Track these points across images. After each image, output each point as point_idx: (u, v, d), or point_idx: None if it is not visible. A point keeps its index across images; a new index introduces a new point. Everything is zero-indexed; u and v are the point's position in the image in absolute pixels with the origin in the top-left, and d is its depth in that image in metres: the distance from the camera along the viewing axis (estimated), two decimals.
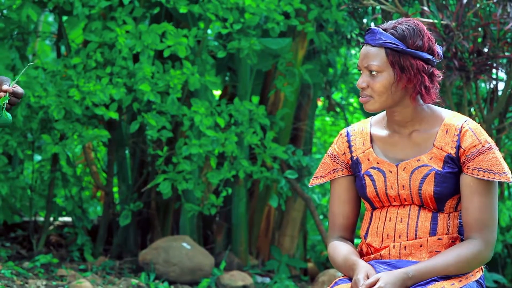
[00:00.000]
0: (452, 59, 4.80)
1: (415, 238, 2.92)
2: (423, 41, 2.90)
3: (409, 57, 2.88)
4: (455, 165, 2.90)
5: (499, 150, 5.71)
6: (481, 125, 5.26)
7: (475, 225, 2.87)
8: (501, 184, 6.09)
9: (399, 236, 2.93)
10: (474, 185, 2.87)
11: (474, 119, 5.39)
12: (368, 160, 2.99)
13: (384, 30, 2.90)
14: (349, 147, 3.05)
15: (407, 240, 2.92)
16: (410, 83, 2.90)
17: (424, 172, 2.90)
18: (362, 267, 2.83)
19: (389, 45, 2.87)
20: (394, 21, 2.95)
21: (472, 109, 5.53)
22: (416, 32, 2.89)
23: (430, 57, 2.90)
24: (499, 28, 4.79)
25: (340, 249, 2.97)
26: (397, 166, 2.94)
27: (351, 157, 3.04)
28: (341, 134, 3.10)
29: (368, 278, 2.77)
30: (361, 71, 2.93)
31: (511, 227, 6.02)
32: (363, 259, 2.95)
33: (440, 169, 2.90)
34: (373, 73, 2.88)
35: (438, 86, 2.96)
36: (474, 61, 4.85)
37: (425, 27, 2.95)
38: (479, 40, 4.94)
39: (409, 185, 2.92)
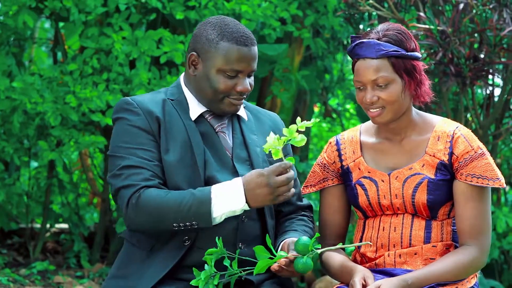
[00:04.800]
0: (448, 65, 4.80)
1: (410, 247, 2.90)
2: (413, 41, 2.89)
3: (410, 61, 2.85)
4: (447, 172, 2.88)
5: (496, 156, 5.74)
6: (477, 131, 5.26)
7: (470, 231, 2.85)
8: (497, 190, 6.08)
9: (394, 245, 2.91)
10: (468, 192, 2.85)
11: (470, 125, 5.39)
12: (359, 169, 2.97)
13: (378, 39, 2.86)
14: (339, 155, 3.01)
15: (402, 249, 2.91)
16: (416, 85, 2.87)
17: (417, 181, 2.88)
18: (360, 271, 2.82)
19: (393, 53, 2.81)
20: (376, 29, 2.86)
21: (468, 115, 5.53)
22: (407, 35, 2.87)
23: (420, 55, 2.89)
24: (495, 34, 4.80)
25: (335, 256, 2.96)
26: (389, 175, 2.92)
27: (341, 166, 3.01)
28: (330, 143, 3.06)
29: (364, 281, 2.77)
30: (363, 87, 2.85)
31: (508, 233, 6.00)
32: None
33: (433, 176, 2.88)
34: (382, 85, 2.82)
35: (429, 82, 2.95)
36: (470, 67, 4.85)
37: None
38: (476, 46, 4.94)
39: (402, 194, 2.90)
